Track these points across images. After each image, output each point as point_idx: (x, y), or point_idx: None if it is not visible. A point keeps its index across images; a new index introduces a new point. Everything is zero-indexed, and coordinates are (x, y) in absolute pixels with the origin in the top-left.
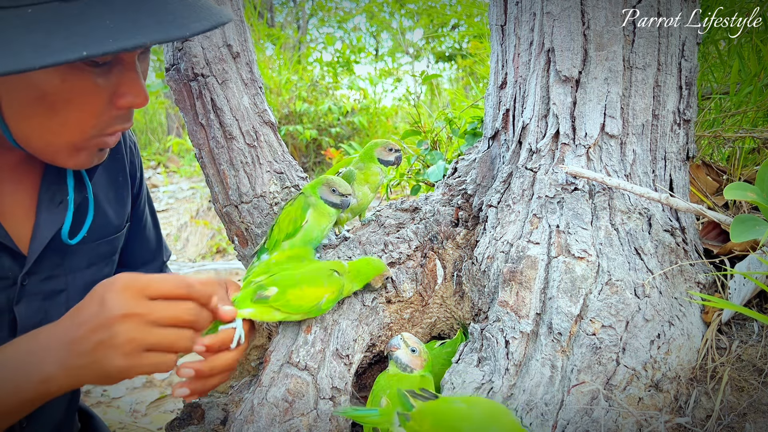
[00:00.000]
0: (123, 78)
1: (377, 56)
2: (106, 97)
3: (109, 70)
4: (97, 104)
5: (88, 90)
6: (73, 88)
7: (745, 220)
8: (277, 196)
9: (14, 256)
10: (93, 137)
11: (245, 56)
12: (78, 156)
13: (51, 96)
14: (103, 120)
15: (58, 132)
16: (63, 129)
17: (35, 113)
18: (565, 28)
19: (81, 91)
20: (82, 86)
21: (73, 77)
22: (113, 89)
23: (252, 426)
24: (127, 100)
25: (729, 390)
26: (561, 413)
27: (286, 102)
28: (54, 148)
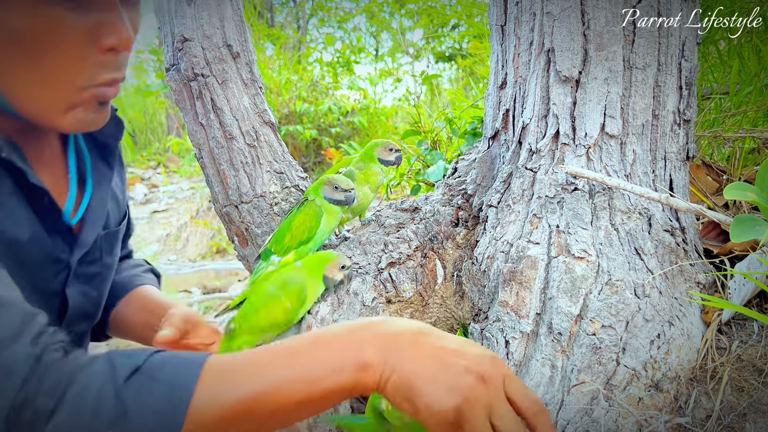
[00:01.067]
0: (102, 16)
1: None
2: (83, 37)
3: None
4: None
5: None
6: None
7: (745, 220)
8: (277, 196)
9: (65, 238)
10: (83, 88)
11: (245, 56)
12: (74, 113)
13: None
14: (87, 66)
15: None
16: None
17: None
18: (565, 28)
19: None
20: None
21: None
22: (93, 29)
23: None
24: (109, 41)
25: (729, 390)
26: (561, 413)
27: (286, 102)
28: (46, 106)
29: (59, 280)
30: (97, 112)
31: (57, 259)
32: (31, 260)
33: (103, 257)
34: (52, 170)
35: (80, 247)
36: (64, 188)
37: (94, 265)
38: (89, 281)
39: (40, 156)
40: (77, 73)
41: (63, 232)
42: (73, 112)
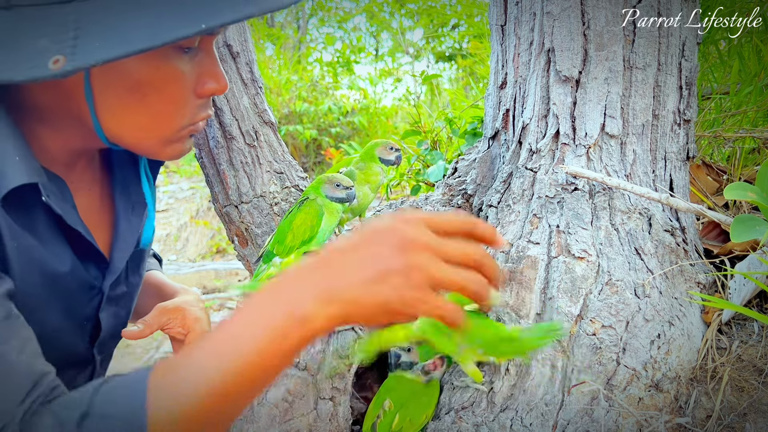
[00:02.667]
0: (204, 65)
1: (377, 56)
2: (190, 85)
3: (193, 58)
4: (183, 94)
5: (176, 78)
6: (164, 76)
7: (745, 220)
8: (277, 196)
9: (98, 264)
10: (183, 128)
11: (245, 56)
12: (173, 147)
13: (143, 86)
14: (188, 110)
15: (149, 127)
16: (153, 123)
17: (127, 106)
18: (565, 28)
19: (170, 80)
20: (172, 74)
21: (164, 65)
22: (196, 78)
23: (252, 426)
24: (210, 87)
25: (729, 390)
26: (561, 413)
27: (286, 102)
28: (150, 141)
29: (93, 306)
30: (188, 143)
31: (91, 285)
32: (70, 290)
33: (129, 277)
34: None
35: (112, 273)
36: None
37: (121, 285)
38: (118, 302)
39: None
40: (182, 117)
41: (96, 259)
42: (173, 146)
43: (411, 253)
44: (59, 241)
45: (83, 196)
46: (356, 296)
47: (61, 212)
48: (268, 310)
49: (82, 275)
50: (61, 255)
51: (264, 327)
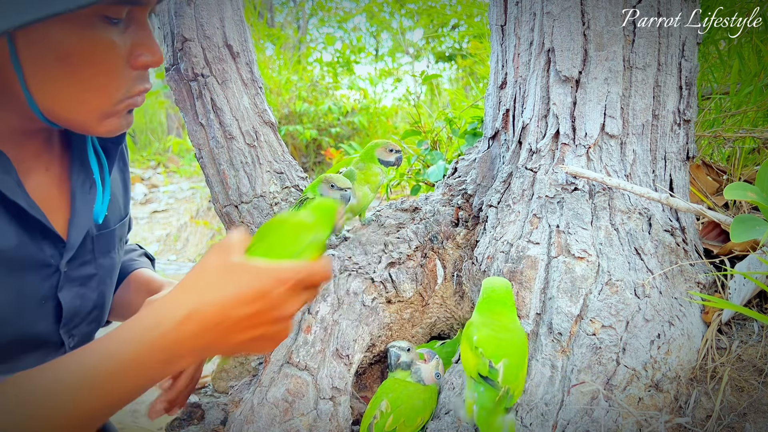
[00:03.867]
0: (137, 37)
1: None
2: (123, 56)
3: (123, 30)
4: (116, 64)
5: (106, 48)
6: (92, 46)
7: (745, 220)
8: (277, 196)
9: (54, 242)
10: (119, 101)
11: (245, 56)
12: (109, 121)
13: (71, 56)
14: (123, 81)
15: (83, 99)
16: (88, 95)
17: (58, 78)
18: (565, 28)
19: (100, 50)
20: (100, 44)
21: (91, 35)
22: (130, 49)
23: (252, 426)
24: (144, 59)
25: (729, 390)
26: (561, 413)
27: (286, 102)
28: (85, 116)
29: (50, 285)
30: (126, 118)
31: (45, 263)
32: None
33: (97, 258)
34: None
35: (68, 251)
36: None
37: (88, 266)
38: (85, 283)
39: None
40: (116, 89)
41: (51, 237)
42: (109, 121)
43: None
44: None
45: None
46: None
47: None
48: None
49: (31, 253)
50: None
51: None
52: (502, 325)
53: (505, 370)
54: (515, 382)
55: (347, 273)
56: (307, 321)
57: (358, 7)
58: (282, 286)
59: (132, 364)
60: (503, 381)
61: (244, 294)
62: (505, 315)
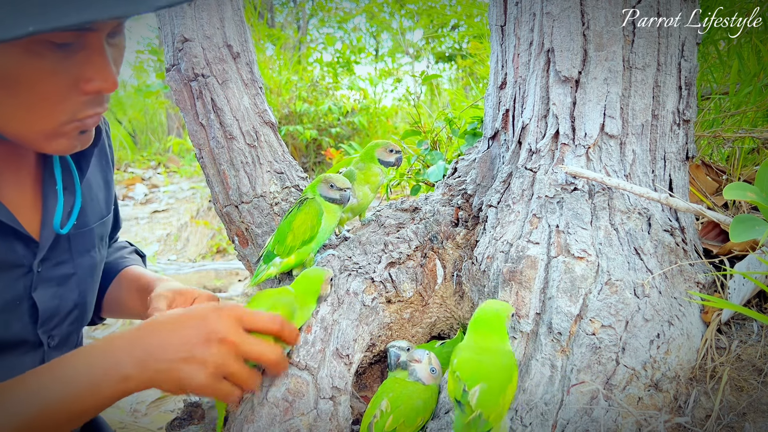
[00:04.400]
0: (89, 62)
1: (377, 56)
2: (69, 82)
3: (74, 53)
4: (59, 90)
5: (48, 74)
6: (32, 71)
7: (744, 220)
8: (277, 196)
9: (26, 243)
10: (65, 123)
11: (245, 56)
12: (57, 141)
13: (8, 79)
14: (70, 106)
15: (26, 119)
16: (30, 115)
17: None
18: (564, 29)
19: (39, 76)
20: (40, 70)
21: (30, 60)
22: (78, 74)
23: (252, 426)
24: (95, 85)
25: (728, 390)
26: (561, 413)
27: (286, 102)
28: (29, 135)
29: (23, 285)
30: (78, 139)
31: (17, 264)
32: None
33: (75, 257)
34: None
35: (40, 251)
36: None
37: (65, 265)
38: (62, 283)
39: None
40: (61, 112)
41: (22, 237)
42: (57, 141)
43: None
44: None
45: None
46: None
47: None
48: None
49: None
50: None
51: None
52: (488, 348)
53: (480, 395)
54: (492, 407)
55: (347, 273)
56: (308, 321)
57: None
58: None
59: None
60: (478, 405)
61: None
62: (493, 338)
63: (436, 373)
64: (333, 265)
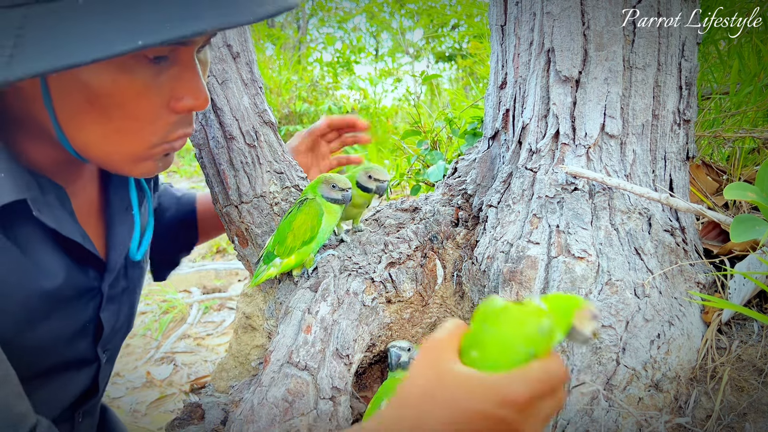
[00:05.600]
0: (180, 78)
1: (377, 56)
2: (161, 100)
3: (165, 70)
4: (151, 109)
5: (141, 92)
6: (125, 89)
7: (745, 220)
8: (277, 196)
9: (96, 266)
10: (155, 146)
11: (245, 56)
12: (144, 165)
13: (102, 99)
14: (161, 126)
15: (115, 141)
16: (120, 137)
17: (88, 119)
18: (565, 28)
19: (132, 93)
20: (135, 87)
21: (124, 77)
22: (170, 92)
23: (252, 426)
24: (186, 103)
25: (729, 390)
26: (561, 413)
27: (286, 102)
28: (116, 158)
29: (93, 307)
30: (163, 161)
31: (90, 288)
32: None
33: (128, 271)
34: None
35: (110, 273)
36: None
37: (120, 282)
38: (120, 300)
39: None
40: (152, 133)
41: (92, 261)
42: (143, 164)
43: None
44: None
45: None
46: None
47: (55, 225)
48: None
49: (79, 281)
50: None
51: None
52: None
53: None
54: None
55: (347, 273)
56: (307, 321)
57: (358, 7)
58: (511, 407)
59: None
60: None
61: (463, 420)
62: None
63: None
64: (333, 265)
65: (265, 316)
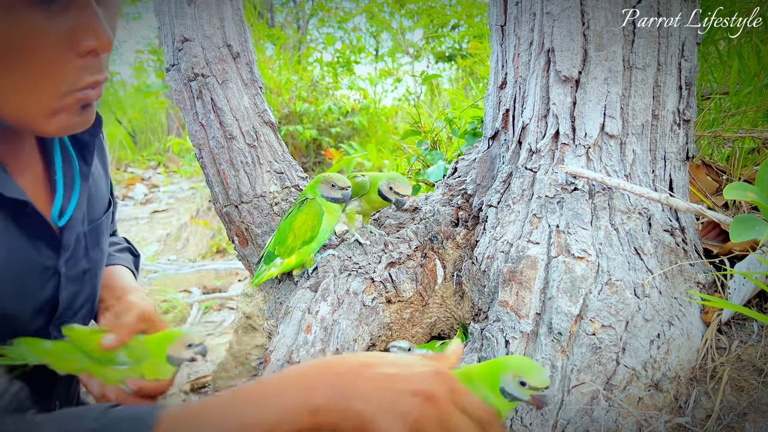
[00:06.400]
0: (79, 20)
1: (377, 56)
2: (61, 43)
3: (63, 14)
4: (52, 52)
5: (37, 34)
6: (20, 34)
7: (744, 220)
8: (277, 196)
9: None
10: (66, 94)
11: (245, 56)
12: (58, 119)
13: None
14: (68, 71)
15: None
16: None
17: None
18: (565, 28)
19: (29, 37)
20: (29, 31)
21: (13, 20)
22: (69, 35)
23: None
24: (87, 43)
25: (729, 390)
26: (561, 413)
27: (286, 102)
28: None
29: (51, 286)
30: (81, 115)
31: (44, 267)
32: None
33: (89, 252)
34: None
35: (65, 250)
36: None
37: (81, 262)
38: (79, 280)
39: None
40: (59, 80)
41: (47, 238)
42: (58, 117)
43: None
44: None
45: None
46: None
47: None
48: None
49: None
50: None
51: (274, 403)
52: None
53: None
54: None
55: (347, 273)
56: (307, 321)
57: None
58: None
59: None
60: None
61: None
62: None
63: None
64: (333, 265)
65: (265, 316)
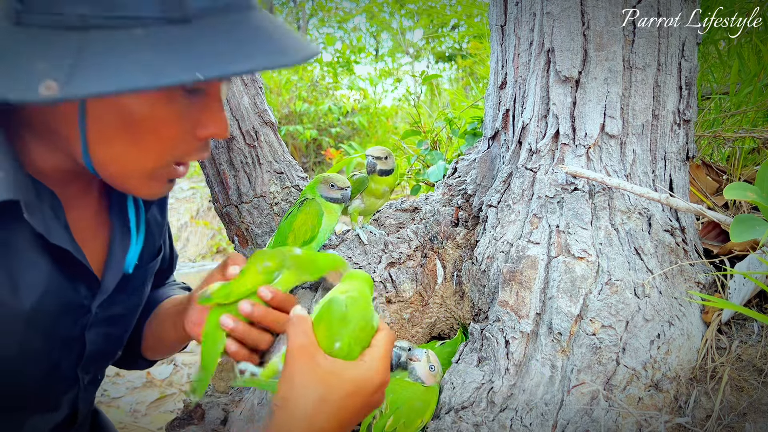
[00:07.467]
0: (207, 108)
1: (377, 56)
2: (189, 127)
3: (199, 100)
4: (179, 134)
5: (174, 119)
6: (161, 116)
7: (745, 220)
8: (277, 196)
9: (89, 283)
10: (167, 165)
11: None
12: (150, 185)
13: (138, 123)
14: (180, 150)
15: (136, 159)
16: (142, 156)
17: (118, 139)
18: (565, 29)
19: (167, 120)
20: (169, 115)
21: (162, 105)
22: (197, 120)
23: (252, 425)
24: (209, 131)
25: (729, 390)
26: (561, 413)
27: (286, 102)
28: (129, 175)
29: (80, 325)
30: (167, 186)
31: (80, 305)
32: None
33: (129, 298)
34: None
35: (102, 293)
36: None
37: (118, 306)
38: (113, 323)
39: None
40: (170, 155)
41: (87, 278)
42: (150, 184)
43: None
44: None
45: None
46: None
47: (43, 231)
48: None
49: (67, 295)
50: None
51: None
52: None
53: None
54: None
55: None
56: None
57: (358, 7)
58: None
59: None
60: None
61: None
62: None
63: (435, 370)
64: None
65: None
